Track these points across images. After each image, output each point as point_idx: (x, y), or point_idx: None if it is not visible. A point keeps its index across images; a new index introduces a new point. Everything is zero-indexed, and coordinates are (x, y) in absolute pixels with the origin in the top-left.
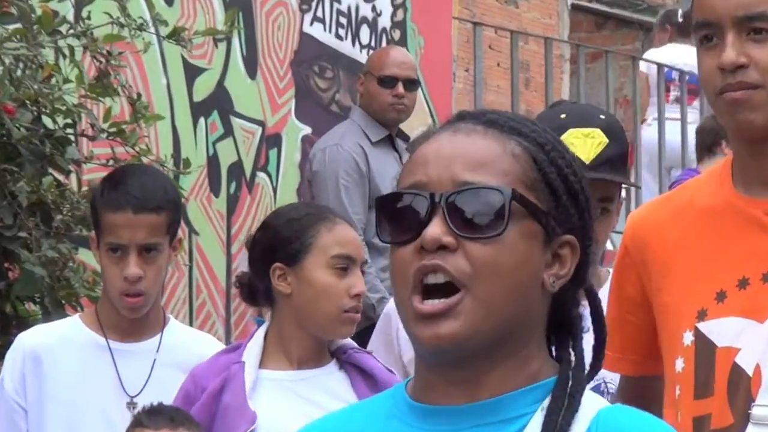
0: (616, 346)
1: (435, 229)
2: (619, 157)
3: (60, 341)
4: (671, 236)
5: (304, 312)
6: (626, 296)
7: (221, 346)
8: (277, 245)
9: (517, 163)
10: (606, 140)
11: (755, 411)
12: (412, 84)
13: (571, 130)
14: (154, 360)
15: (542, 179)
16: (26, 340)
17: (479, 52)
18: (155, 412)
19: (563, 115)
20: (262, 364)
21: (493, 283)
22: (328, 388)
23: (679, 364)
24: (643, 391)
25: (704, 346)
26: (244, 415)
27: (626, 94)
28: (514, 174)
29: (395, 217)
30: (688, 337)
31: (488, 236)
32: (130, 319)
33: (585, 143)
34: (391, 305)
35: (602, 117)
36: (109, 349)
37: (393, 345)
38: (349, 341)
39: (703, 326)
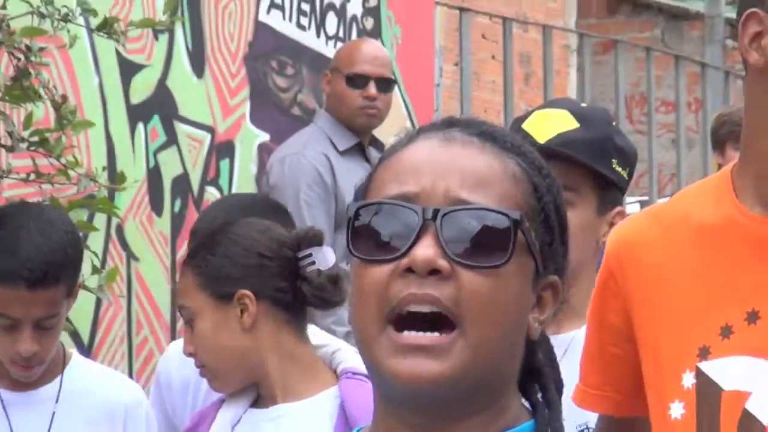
0: (596, 381)
1: (428, 251)
2: (590, 143)
3: None
4: (662, 259)
5: None
6: (609, 326)
7: (132, 385)
8: None
9: (517, 188)
10: (576, 124)
11: None
12: (386, 84)
13: (535, 113)
14: (53, 413)
15: (540, 209)
16: None
17: (466, 42)
18: None
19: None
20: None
21: (489, 322)
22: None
23: (677, 409)
24: None
25: (708, 390)
26: None
27: (642, 91)
28: (514, 200)
29: (373, 230)
30: (689, 379)
31: (490, 266)
32: None
33: (543, 122)
34: (163, 364)
35: (583, 105)
36: (1, 400)
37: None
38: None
39: (706, 366)
